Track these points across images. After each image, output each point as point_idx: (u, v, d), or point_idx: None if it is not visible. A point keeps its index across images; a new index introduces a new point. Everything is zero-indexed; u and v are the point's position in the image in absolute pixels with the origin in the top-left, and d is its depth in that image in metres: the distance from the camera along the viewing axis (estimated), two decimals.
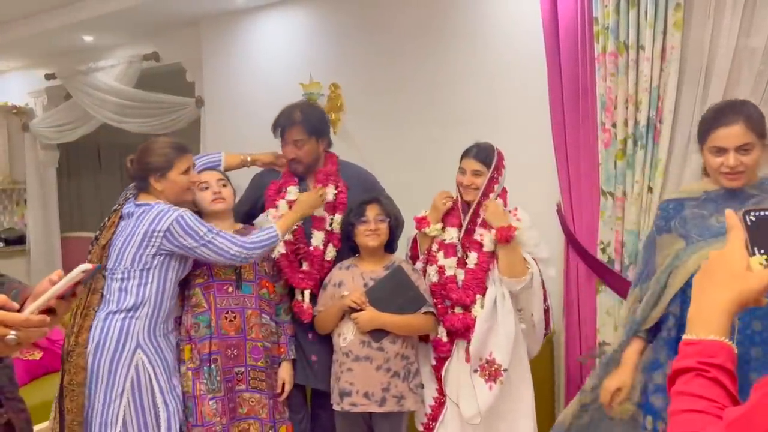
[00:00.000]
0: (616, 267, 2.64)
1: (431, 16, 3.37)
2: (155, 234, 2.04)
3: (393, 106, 3.53)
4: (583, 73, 2.67)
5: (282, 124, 2.43)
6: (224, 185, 2.30)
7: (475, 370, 2.17)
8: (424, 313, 2.20)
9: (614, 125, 2.58)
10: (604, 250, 2.68)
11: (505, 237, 2.13)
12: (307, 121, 2.40)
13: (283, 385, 2.34)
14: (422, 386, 2.26)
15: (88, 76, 4.97)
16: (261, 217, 2.55)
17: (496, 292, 2.18)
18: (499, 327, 2.16)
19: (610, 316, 2.69)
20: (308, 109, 2.51)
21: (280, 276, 2.41)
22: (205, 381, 2.14)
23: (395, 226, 2.29)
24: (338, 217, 2.42)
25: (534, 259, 2.21)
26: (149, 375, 2.06)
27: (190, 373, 2.16)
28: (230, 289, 2.22)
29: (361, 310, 2.17)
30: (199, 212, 2.27)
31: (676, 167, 2.49)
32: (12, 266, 5.88)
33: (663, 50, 2.45)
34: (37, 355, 3.09)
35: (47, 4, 4.23)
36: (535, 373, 2.32)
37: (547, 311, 2.31)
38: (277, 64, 4.00)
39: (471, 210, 2.24)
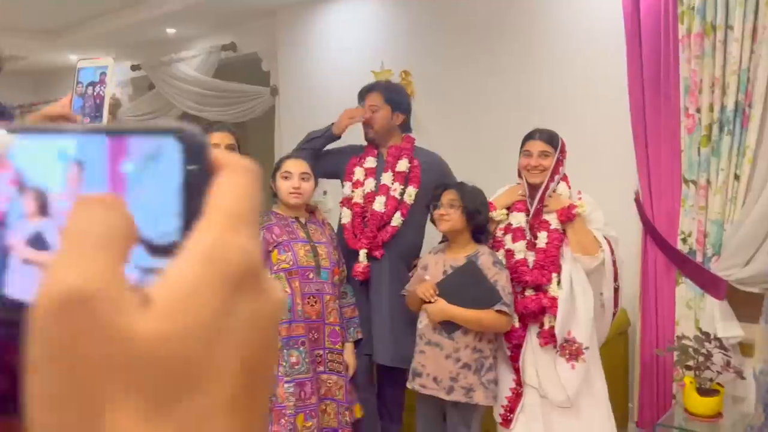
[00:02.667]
0: (698, 258, 2.54)
1: (506, 0, 3.31)
2: None
3: (465, 93, 3.51)
4: (665, 56, 2.57)
5: (363, 90, 2.62)
6: (306, 179, 2.32)
7: (557, 351, 2.16)
8: (498, 311, 2.16)
9: (698, 110, 2.47)
10: (685, 241, 2.58)
11: (567, 215, 2.16)
12: (385, 89, 2.57)
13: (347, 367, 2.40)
14: (496, 383, 2.25)
15: (170, 66, 5.20)
16: (318, 196, 2.63)
17: (571, 271, 2.16)
18: (578, 306, 2.15)
19: (690, 309, 2.59)
20: (392, 85, 2.73)
21: (342, 261, 2.46)
22: (283, 364, 2.21)
23: (471, 215, 2.24)
24: (410, 189, 2.49)
25: (606, 240, 2.19)
26: None
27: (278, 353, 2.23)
28: (311, 275, 2.29)
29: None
30: (274, 195, 2.35)
31: (767, 154, 2.36)
32: None
33: (754, 30, 2.32)
34: None
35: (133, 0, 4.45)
36: (608, 365, 2.28)
37: (616, 291, 2.27)
38: (349, 52, 4.04)
39: (539, 193, 2.22)
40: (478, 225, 2.24)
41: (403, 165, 2.51)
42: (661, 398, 2.73)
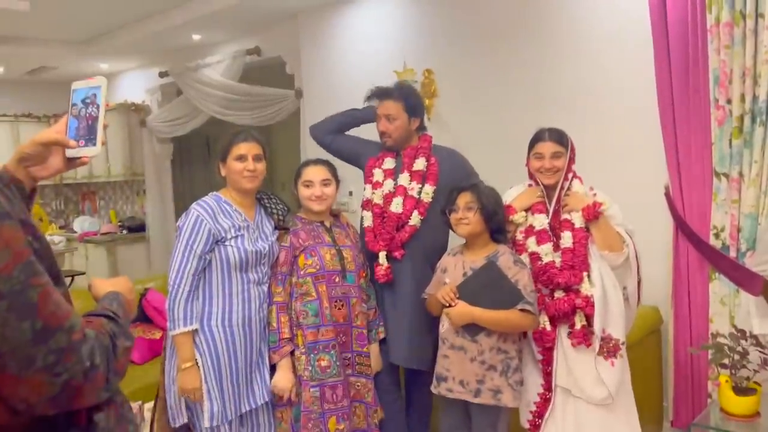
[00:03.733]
0: (732, 253, 2.47)
1: None
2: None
3: (488, 90, 3.47)
4: (693, 46, 2.50)
5: (376, 96, 2.54)
6: (327, 184, 2.32)
7: (597, 352, 2.12)
8: (521, 310, 2.12)
9: (729, 101, 2.40)
10: (717, 236, 2.52)
11: (593, 213, 2.13)
12: (401, 97, 2.48)
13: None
14: (521, 383, 2.21)
15: (196, 72, 5.27)
16: (342, 197, 2.62)
17: (600, 268, 2.13)
18: (610, 302, 2.12)
19: (725, 305, 2.53)
20: (403, 86, 2.63)
21: (366, 264, 2.46)
22: (309, 368, 2.21)
23: (490, 216, 2.20)
24: (428, 187, 2.45)
25: (627, 232, 2.17)
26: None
27: (303, 357, 2.22)
28: (337, 279, 2.28)
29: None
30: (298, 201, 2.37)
31: None
32: (133, 252, 6.40)
33: None
34: (157, 334, 3.35)
35: (159, 7, 4.52)
36: (641, 364, 2.24)
37: (639, 284, 2.23)
38: (371, 52, 4.04)
39: (556, 193, 2.20)
40: (497, 225, 2.21)
41: (420, 164, 2.48)
42: (696, 397, 2.66)
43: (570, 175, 2.21)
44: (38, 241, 0.84)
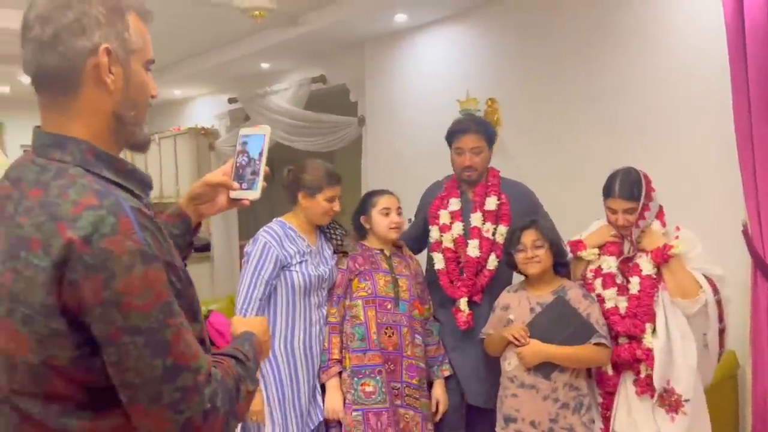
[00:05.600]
0: None
1: (596, 21, 3.20)
2: None
3: (553, 119, 3.41)
4: None
5: (458, 130, 2.47)
6: (401, 213, 2.38)
7: (655, 402, 2.04)
8: (596, 344, 2.06)
9: None
10: None
11: (661, 257, 2.04)
12: (482, 129, 2.46)
13: (437, 405, 2.36)
14: (593, 422, 2.13)
15: (264, 99, 5.43)
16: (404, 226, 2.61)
17: (667, 317, 2.02)
18: (676, 355, 2.01)
19: None
20: (480, 120, 2.68)
21: (428, 297, 2.46)
22: (351, 391, 2.21)
23: (557, 251, 2.18)
24: (502, 228, 2.41)
25: (706, 277, 2.04)
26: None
27: (348, 380, 2.24)
28: (389, 306, 2.28)
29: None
30: (361, 230, 2.40)
31: None
32: (199, 271, 6.60)
33: None
34: None
35: (231, 38, 4.70)
36: (716, 412, 2.10)
37: (722, 332, 2.11)
38: (434, 81, 4.06)
39: (630, 242, 2.13)
40: (562, 258, 2.18)
41: (491, 203, 2.43)
42: None
43: (642, 223, 2.10)
44: (180, 282, 0.90)
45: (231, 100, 5.96)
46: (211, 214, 1.22)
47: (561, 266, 2.21)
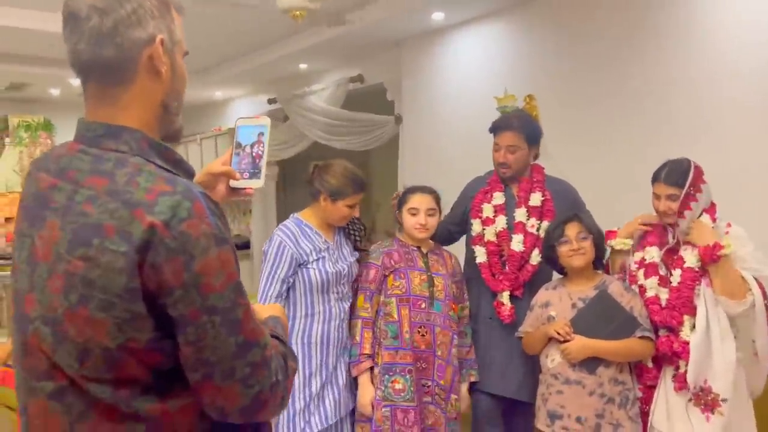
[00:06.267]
0: None
1: (638, 20, 3.15)
2: None
3: (592, 117, 3.37)
4: None
5: (498, 126, 2.49)
6: (432, 214, 2.35)
7: (690, 399, 2.00)
8: (640, 337, 2.06)
9: None
10: None
11: (710, 257, 1.97)
12: (522, 128, 2.44)
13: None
14: (639, 416, 2.10)
15: (302, 99, 5.51)
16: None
17: (708, 313, 1.98)
18: (715, 352, 1.97)
19: None
20: (525, 117, 2.62)
21: (465, 296, 2.46)
22: (382, 388, 2.23)
23: (600, 242, 2.19)
24: (545, 224, 2.40)
25: (756, 279, 1.98)
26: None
27: (379, 376, 2.26)
28: (423, 305, 2.29)
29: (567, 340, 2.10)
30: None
31: None
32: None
33: None
34: None
35: (270, 39, 4.78)
36: (764, 423, 2.04)
37: None
38: (471, 78, 4.05)
39: (674, 232, 2.10)
40: (602, 251, 2.19)
41: (536, 199, 2.44)
42: None
43: (690, 213, 2.04)
44: (237, 264, 0.93)
45: (270, 101, 6.06)
46: None
47: (599, 260, 2.20)
